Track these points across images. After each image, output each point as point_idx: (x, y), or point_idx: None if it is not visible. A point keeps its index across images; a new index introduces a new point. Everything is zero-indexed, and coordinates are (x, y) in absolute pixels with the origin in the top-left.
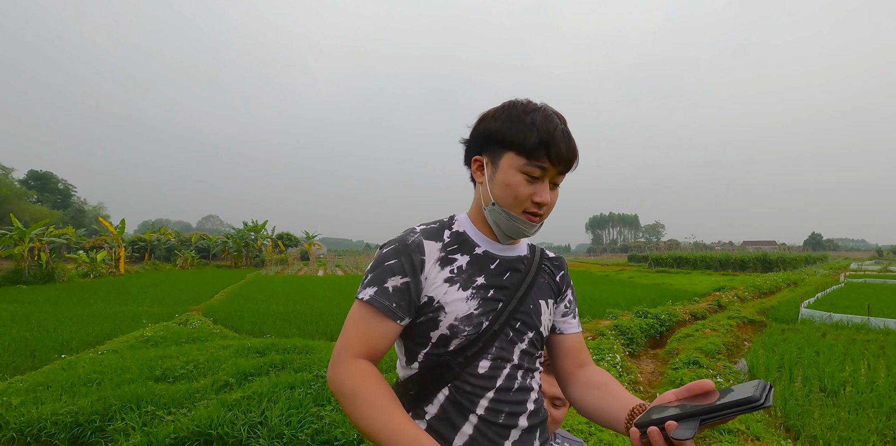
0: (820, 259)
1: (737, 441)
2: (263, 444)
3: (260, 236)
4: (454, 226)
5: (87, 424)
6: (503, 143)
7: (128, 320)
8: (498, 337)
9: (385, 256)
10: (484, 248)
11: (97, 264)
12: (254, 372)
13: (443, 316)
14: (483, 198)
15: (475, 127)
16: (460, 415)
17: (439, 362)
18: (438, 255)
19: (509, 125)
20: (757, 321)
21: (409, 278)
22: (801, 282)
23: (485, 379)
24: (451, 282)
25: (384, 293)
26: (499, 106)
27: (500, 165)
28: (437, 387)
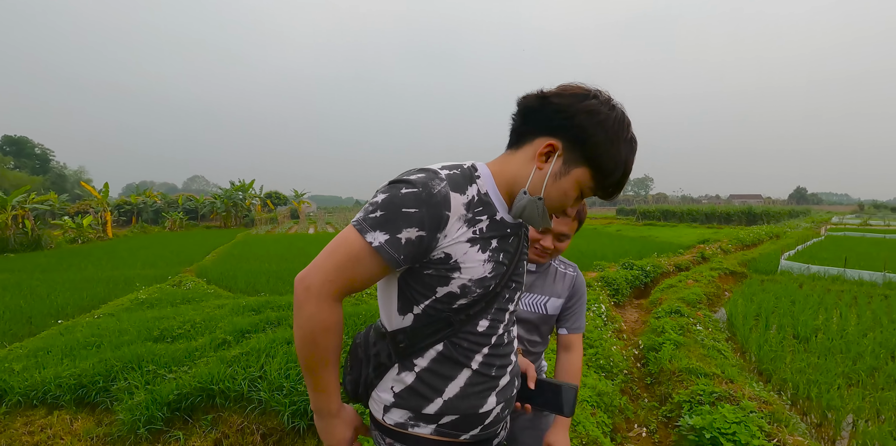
0: (803, 212)
1: (712, 383)
2: (264, 396)
3: (248, 195)
4: (478, 183)
5: (90, 385)
6: (590, 158)
7: (121, 283)
8: (498, 298)
9: (405, 200)
10: (501, 215)
11: (84, 229)
12: (250, 329)
13: (457, 275)
14: (533, 184)
15: (575, 111)
16: (454, 368)
17: (439, 318)
18: (462, 213)
19: (609, 148)
20: (738, 272)
21: (426, 233)
22: (783, 235)
23: (483, 336)
24: (472, 243)
25: (395, 244)
26: (610, 112)
27: (572, 173)
28: (432, 342)
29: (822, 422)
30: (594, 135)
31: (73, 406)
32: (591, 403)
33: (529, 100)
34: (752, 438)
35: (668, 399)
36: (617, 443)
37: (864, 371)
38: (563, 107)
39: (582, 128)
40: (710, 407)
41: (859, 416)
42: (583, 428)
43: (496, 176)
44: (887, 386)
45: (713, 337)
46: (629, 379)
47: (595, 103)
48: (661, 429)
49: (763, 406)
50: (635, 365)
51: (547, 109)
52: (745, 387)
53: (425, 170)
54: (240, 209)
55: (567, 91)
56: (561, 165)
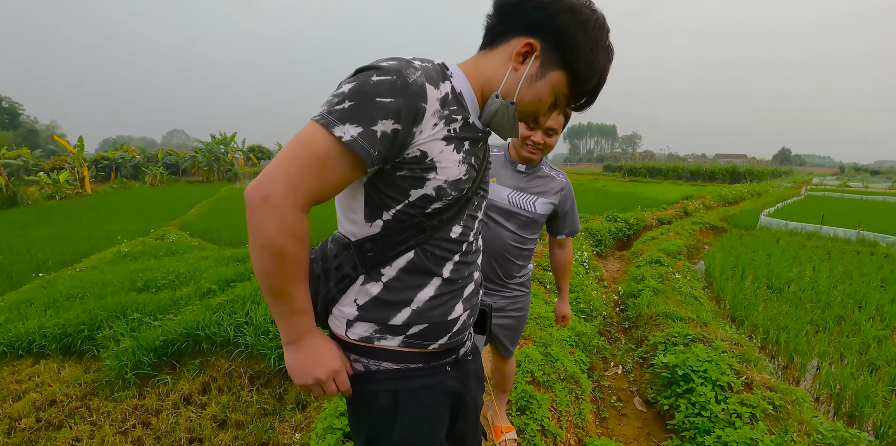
0: (786, 173)
1: (687, 327)
2: (250, 340)
3: (230, 149)
4: (452, 80)
5: (75, 334)
6: (567, 62)
7: (102, 238)
8: (469, 203)
9: (378, 88)
10: (472, 119)
11: (61, 185)
12: (235, 278)
13: (432, 175)
14: (506, 87)
15: (555, 10)
16: (424, 277)
17: (412, 224)
18: (437, 108)
19: (587, 52)
20: (719, 227)
21: (402, 126)
22: (764, 194)
23: (455, 243)
24: (448, 142)
25: (370, 137)
26: (592, 14)
27: (548, 77)
28: (402, 250)
29: (788, 365)
30: (575, 36)
31: (59, 354)
32: (571, 343)
33: (509, 2)
34: (722, 375)
35: (645, 341)
36: (594, 380)
37: (832, 319)
38: (544, 5)
39: (563, 29)
40: (684, 348)
41: (824, 359)
42: (561, 364)
43: (469, 77)
44: (852, 334)
45: (690, 286)
46: (608, 324)
47: (577, 3)
48: (636, 369)
49: (734, 347)
50: (614, 309)
51: (527, 6)
52: (718, 331)
53: (397, 58)
54: (222, 163)
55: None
56: (538, 68)
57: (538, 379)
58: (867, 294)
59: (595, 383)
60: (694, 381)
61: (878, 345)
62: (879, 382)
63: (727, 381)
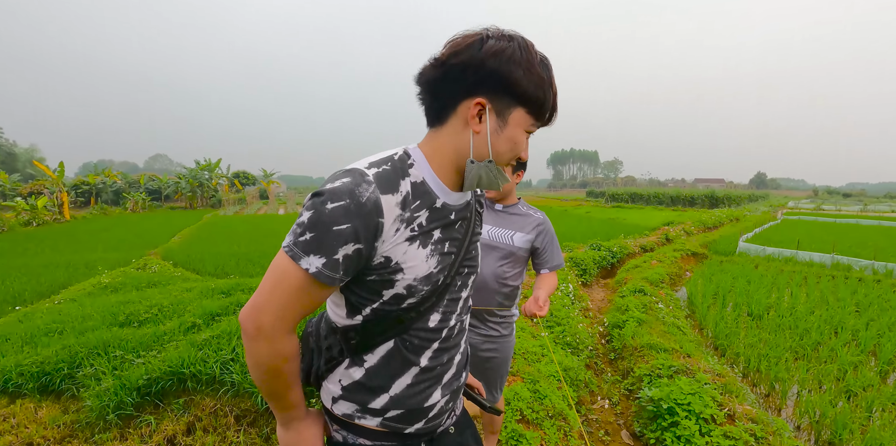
0: (762, 197)
1: (670, 358)
2: (237, 378)
3: (214, 175)
4: (412, 171)
5: (54, 372)
6: (520, 98)
7: (82, 268)
8: (449, 289)
9: (333, 217)
10: (443, 201)
11: (39, 211)
12: (220, 312)
13: (400, 276)
14: (477, 150)
15: (481, 60)
16: (403, 366)
17: (389, 317)
18: (398, 213)
19: (530, 77)
20: (699, 253)
21: (363, 245)
22: (742, 219)
23: (434, 331)
24: (411, 241)
25: (333, 265)
26: (510, 44)
27: (510, 120)
28: (383, 340)
29: (770, 393)
30: (511, 72)
31: (36, 394)
32: (558, 378)
33: (428, 73)
34: (706, 408)
35: (630, 373)
36: (581, 415)
37: (810, 345)
38: (468, 62)
39: (498, 73)
40: (668, 380)
41: (803, 387)
42: (549, 401)
43: (431, 158)
44: (829, 360)
45: (673, 315)
46: (594, 355)
47: (493, 43)
48: (622, 401)
49: (717, 378)
50: (600, 341)
51: (452, 73)
52: (701, 361)
53: (351, 173)
54: (206, 189)
55: (460, 46)
56: (496, 118)
57: (527, 418)
58: (843, 319)
59: (583, 417)
60: (678, 415)
61: (855, 371)
62: (857, 408)
63: (710, 414)
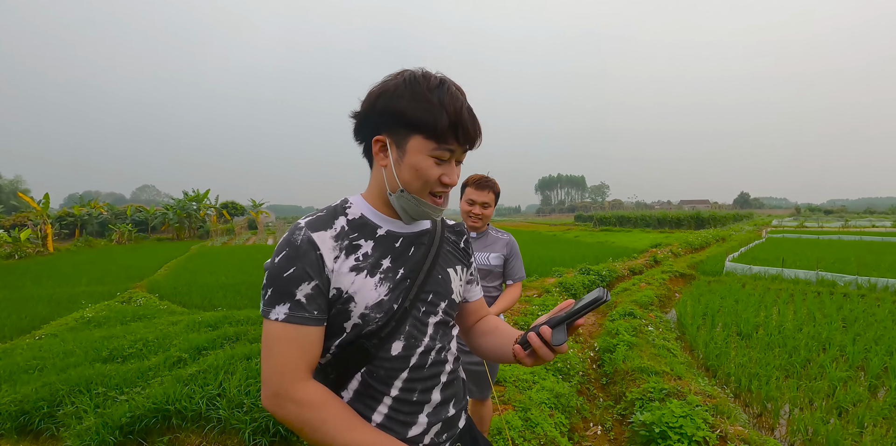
0: (746, 216)
1: (662, 381)
2: (223, 414)
3: (203, 206)
4: (349, 211)
5: (33, 411)
6: (410, 126)
7: (64, 302)
8: (409, 315)
9: (280, 267)
10: (386, 228)
11: (21, 243)
12: (207, 346)
13: (353, 306)
14: (388, 183)
15: (372, 102)
16: (374, 398)
17: (354, 346)
18: (333, 244)
19: (415, 105)
20: (687, 274)
21: (317, 280)
22: (728, 238)
23: (398, 360)
24: (357, 271)
25: (299, 306)
26: (397, 79)
27: (408, 149)
28: (354, 371)
29: (762, 412)
30: (396, 104)
31: (14, 434)
32: (549, 405)
33: (354, 125)
34: (697, 430)
35: (623, 397)
36: (574, 442)
37: (799, 363)
38: (367, 107)
39: (386, 109)
40: (660, 403)
41: (794, 405)
42: (541, 429)
43: (368, 197)
44: (819, 376)
45: (664, 337)
46: (586, 381)
47: (380, 85)
48: (616, 427)
49: (708, 399)
50: (591, 366)
51: (359, 121)
52: (692, 383)
53: (291, 228)
54: (194, 220)
55: (370, 93)
56: (397, 150)
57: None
58: (830, 335)
59: (576, 444)
60: (671, 438)
61: (844, 387)
62: (849, 424)
63: (703, 436)
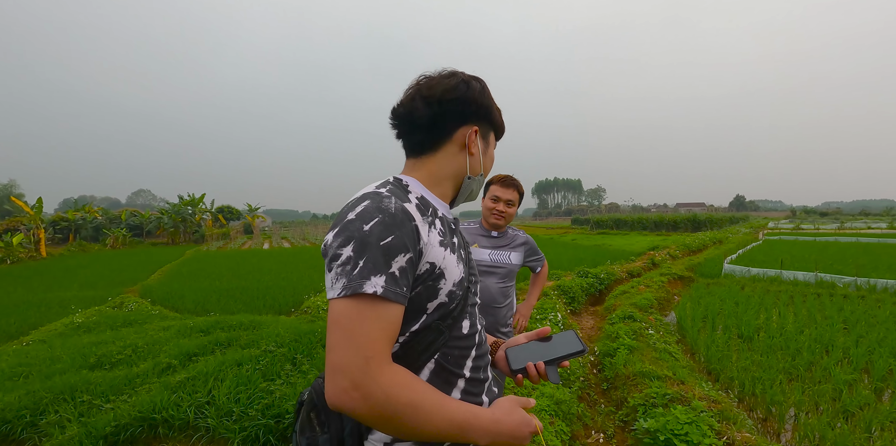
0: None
1: (664, 386)
2: (212, 423)
3: (198, 210)
4: (410, 190)
5: (15, 421)
6: (492, 124)
7: (55, 307)
8: (469, 295)
9: (375, 234)
10: (442, 212)
11: (13, 248)
12: (198, 352)
13: (443, 283)
14: (472, 167)
15: (470, 96)
16: (449, 382)
17: (429, 330)
18: (420, 217)
19: (495, 109)
20: (686, 277)
21: (412, 253)
22: (725, 241)
23: (468, 338)
24: (443, 246)
25: (394, 280)
26: (475, 80)
27: (491, 142)
28: (426, 359)
29: (767, 417)
30: (490, 106)
31: None
32: (550, 412)
33: (420, 111)
34: (704, 437)
35: (624, 403)
36: None
37: (803, 365)
38: (463, 98)
39: (484, 107)
40: (664, 409)
41: (800, 409)
42: (541, 437)
43: (426, 181)
44: (823, 379)
45: (664, 341)
46: (586, 386)
47: (475, 84)
48: (618, 434)
49: (713, 405)
50: (592, 371)
51: (450, 108)
52: (696, 388)
53: (367, 196)
54: (189, 224)
55: (447, 85)
56: (482, 141)
57: None
58: (832, 337)
59: None
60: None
61: (850, 390)
62: (856, 428)
63: (709, 443)
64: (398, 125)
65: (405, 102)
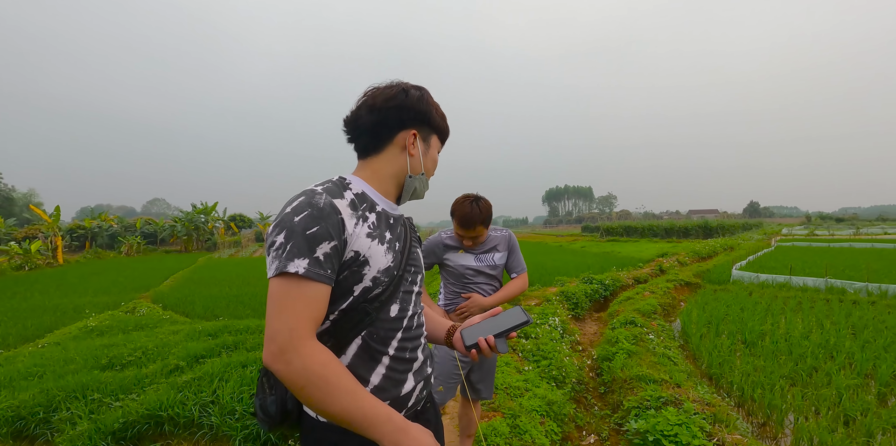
0: (756, 225)
1: (660, 389)
2: (216, 421)
3: (211, 219)
4: (351, 187)
5: (29, 417)
6: (433, 128)
7: (70, 311)
8: (402, 282)
9: (303, 225)
10: (382, 207)
11: (32, 255)
12: (205, 354)
13: (367, 269)
14: (412, 167)
15: (408, 103)
16: (374, 359)
17: (356, 311)
18: (350, 212)
19: (436, 113)
20: (693, 283)
21: (336, 241)
22: (736, 247)
23: (395, 321)
24: (371, 237)
25: (318, 263)
26: (415, 88)
27: (431, 144)
28: (354, 335)
29: (766, 421)
30: (429, 111)
31: (9, 439)
32: (541, 412)
33: (363, 118)
34: (693, 438)
35: (620, 406)
36: None
37: (805, 371)
38: (401, 105)
39: (422, 112)
40: (656, 412)
41: (800, 414)
42: (529, 436)
43: (368, 179)
44: (825, 384)
45: (665, 346)
46: (583, 389)
47: (414, 92)
48: (612, 436)
49: (706, 408)
50: (590, 375)
51: (390, 114)
52: (691, 391)
53: (303, 193)
54: (202, 233)
55: (388, 94)
56: (422, 143)
57: None
58: (838, 342)
59: None
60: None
61: (852, 395)
62: (856, 433)
63: (698, 444)
64: (348, 131)
65: (353, 111)
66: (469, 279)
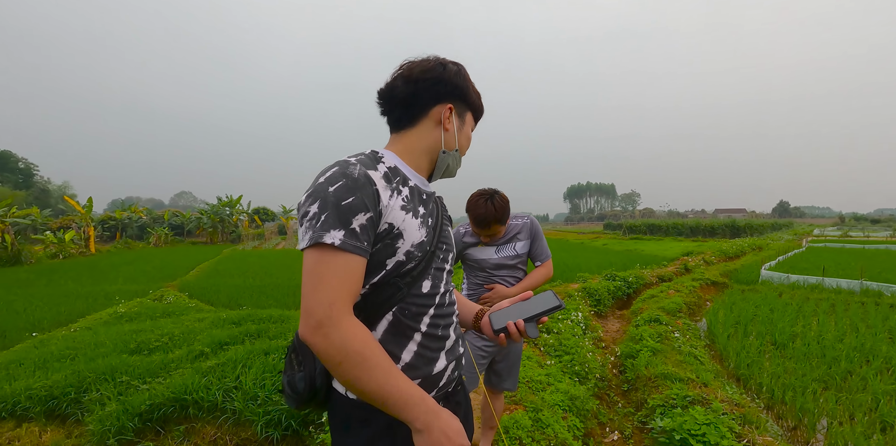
0: (786, 225)
1: (686, 388)
2: (238, 406)
3: (235, 211)
4: (384, 160)
5: (62, 397)
6: (469, 104)
7: (101, 298)
8: (434, 258)
9: (338, 195)
10: (414, 182)
11: (66, 244)
12: (229, 341)
13: (400, 243)
14: (447, 143)
15: (446, 76)
16: (405, 335)
17: (388, 285)
18: (385, 184)
19: (472, 90)
20: (720, 282)
21: (372, 213)
22: (765, 247)
23: (427, 297)
24: (405, 210)
25: (353, 234)
26: (453, 63)
27: (466, 121)
28: (385, 310)
29: (797, 425)
30: (466, 87)
31: (42, 418)
32: (563, 407)
33: (399, 89)
34: (722, 439)
35: (644, 404)
36: None
37: (839, 375)
38: (438, 78)
39: (459, 87)
40: (682, 411)
41: (833, 418)
42: (552, 430)
43: (401, 153)
44: (861, 389)
45: (691, 344)
46: (606, 387)
47: (452, 67)
48: (636, 434)
49: (735, 408)
50: (613, 372)
51: (426, 86)
52: (719, 391)
53: (336, 163)
54: (227, 225)
55: (425, 66)
56: (457, 119)
57: None
58: (875, 346)
59: None
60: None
61: (890, 401)
62: (893, 440)
63: (727, 445)
64: (382, 103)
65: (388, 83)
66: (490, 272)
